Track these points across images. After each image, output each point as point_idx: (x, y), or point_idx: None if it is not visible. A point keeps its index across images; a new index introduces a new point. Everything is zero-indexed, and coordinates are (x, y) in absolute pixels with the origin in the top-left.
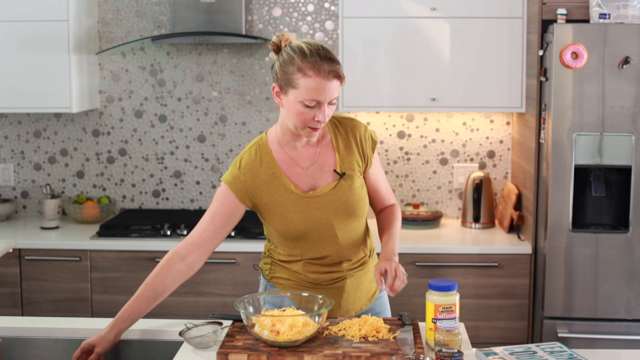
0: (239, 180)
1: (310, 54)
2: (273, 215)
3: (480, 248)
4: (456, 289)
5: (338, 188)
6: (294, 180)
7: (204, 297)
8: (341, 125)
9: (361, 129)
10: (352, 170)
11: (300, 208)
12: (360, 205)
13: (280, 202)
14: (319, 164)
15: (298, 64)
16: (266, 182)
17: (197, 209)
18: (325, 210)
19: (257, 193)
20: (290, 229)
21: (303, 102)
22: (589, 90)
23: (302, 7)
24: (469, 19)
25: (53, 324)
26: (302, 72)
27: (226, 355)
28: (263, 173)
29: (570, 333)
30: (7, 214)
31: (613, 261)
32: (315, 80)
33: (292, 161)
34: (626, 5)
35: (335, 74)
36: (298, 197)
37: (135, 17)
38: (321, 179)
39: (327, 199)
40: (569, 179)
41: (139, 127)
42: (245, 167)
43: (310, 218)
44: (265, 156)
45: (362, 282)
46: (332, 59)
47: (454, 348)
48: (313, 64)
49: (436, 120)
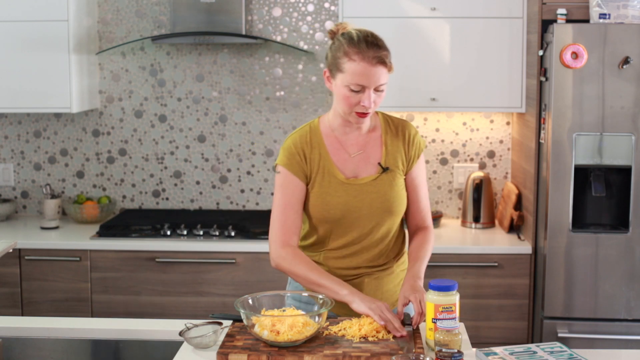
0: (294, 159)
1: (357, 39)
2: (313, 195)
3: (480, 248)
4: (456, 289)
5: (379, 180)
6: (339, 164)
7: (204, 297)
8: (393, 123)
9: (412, 130)
10: (395, 167)
11: (339, 192)
12: (397, 203)
13: (322, 184)
14: (366, 154)
15: (345, 49)
16: (313, 162)
17: (197, 209)
18: (363, 200)
19: (309, 170)
20: (324, 212)
21: (349, 86)
22: (589, 90)
23: (302, 7)
24: (469, 19)
25: (53, 324)
26: (348, 57)
27: (226, 355)
28: (312, 153)
29: (570, 333)
30: (7, 214)
31: (613, 261)
32: (360, 65)
33: (340, 146)
34: (626, 5)
35: (379, 60)
36: (339, 181)
37: (135, 17)
38: (365, 169)
39: (366, 189)
40: (569, 179)
41: (139, 127)
42: (296, 146)
43: (346, 204)
44: (315, 137)
45: (383, 284)
46: (380, 45)
47: (454, 348)
48: (359, 49)
49: (436, 120)
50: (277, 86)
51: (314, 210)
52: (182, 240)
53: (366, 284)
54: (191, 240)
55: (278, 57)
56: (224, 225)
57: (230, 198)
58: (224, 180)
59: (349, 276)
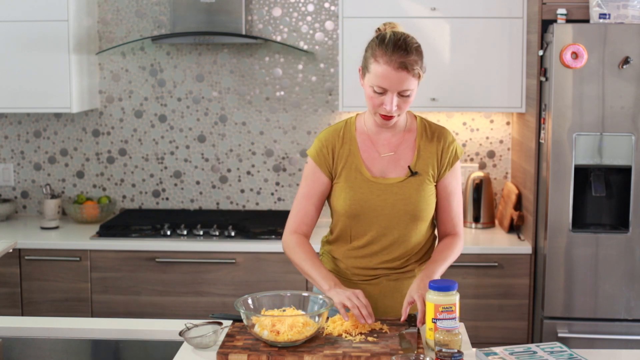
0: (322, 153)
1: (387, 41)
2: (337, 188)
3: (480, 248)
4: (456, 289)
5: (405, 183)
6: (368, 162)
7: (204, 297)
8: (430, 129)
9: (448, 138)
10: (425, 173)
11: (363, 189)
12: (421, 208)
13: (348, 179)
14: (396, 156)
15: (374, 49)
16: (342, 157)
17: (197, 209)
18: (386, 199)
19: (334, 165)
20: (345, 206)
21: (372, 87)
22: (589, 90)
23: (302, 7)
24: (469, 19)
25: (53, 324)
26: (374, 58)
27: (226, 355)
28: (342, 147)
29: (570, 333)
30: (7, 214)
31: (613, 261)
32: (383, 68)
33: (372, 144)
34: (626, 5)
35: (403, 66)
36: (365, 179)
37: (135, 17)
38: (393, 170)
39: (391, 190)
40: (569, 179)
41: (139, 127)
42: (327, 140)
43: (368, 201)
44: (348, 133)
45: (403, 287)
46: (408, 50)
47: (454, 348)
48: (385, 51)
49: (436, 120)
50: (277, 86)
51: (336, 202)
52: (182, 240)
53: (384, 286)
54: (191, 240)
55: (278, 57)
56: (224, 225)
57: (230, 198)
58: (224, 180)
59: (367, 276)
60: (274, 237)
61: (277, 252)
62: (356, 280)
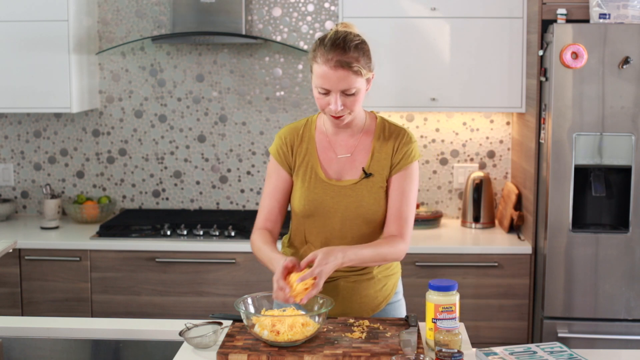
0: (281, 149)
1: (325, 41)
2: (295, 186)
3: (480, 248)
4: (456, 289)
5: (359, 185)
6: (324, 163)
7: (204, 297)
8: (389, 130)
9: (404, 138)
10: (379, 174)
11: (317, 190)
12: (373, 210)
13: (304, 178)
14: (352, 158)
15: (314, 49)
16: (299, 155)
17: (197, 209)
18: (339, 202)
19: (293, 161)
20: (300, 205)
21: (317, 88)
22: (589, 90)
23: (302, 7)
24: (469, 19)
25: (53, 324)
26: (314, 58)
27: (226, 355)
28: (300, 145)
29: (570, 333)
30: (7, 214)
31: (613, 261)
32: (322, 68)
33: (329, 145)
34: (626, 5)
35: (340, 64)
36: (320, 180)
37: (135, 17)
38: (349, 172)
39: (344, 192)
40: (569, 179)
41: (139, 127)
42: (286, 137)
43: (321, 203)
44: (308, 132)
45: (360, 290)
46: (346, 48)
47: (454, 348)
48: (322, 51)
49: (436, 120)
50: (277, 86)
51: (292, 200)
52: (182, 240)
53: (342, 288)
54: (191, 240)
55: (278, 57)
56: (224, 225)
57: (230, 198)
58: (224, 180)
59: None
60: None
61: None
62: None
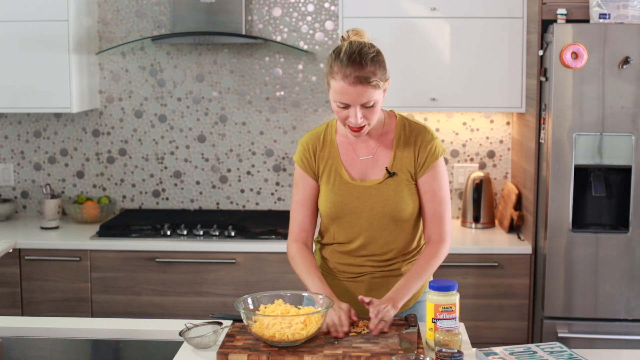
0: (304, 156)
1: (342, 56)
2: (321, 191)
3: (480, 248)
4: (456, 289)
5: (383, 185)
6: (347, 165)
7: (204, 297)
8: (409, 128)
9: (426, 136)
10: (402, 173)
11: (342, 192)
12: (400, 209)
13: (329, 181)
14: (375, 158)
15: (331, 64)
16: (323, 159)
17: (197, 209)
18: (365, 202)
19: (317, 167)
20: (327, 208)
21: (335, 103)
22: (589, 90)
23: (302, 7)
24: (469, 19)
25: (53, 324)
26: (332, 74)
27: (226, 355)
28: (322, 150)
29: (570, 333)
30: (7, 214)
31: (613, 261)
32: (340, 84)
33: (351, 148)
34: (626, 5)
35: (359, 80)
36: (344, 181)
37: (135, 17)
38: (372, 173)
39: (370, 192)
40: (569, 179)
41: (139, 127)
42: (307, 143)
43: (348, 204)
44: (329, 136)
45: (389, 285)
46: (363, 64)
47: (454, 348)
48: (340, 67)
49: (436, 120)
50: (277, 86)
51: (319, 204)
52: (182, 240)
53: (369, 283)
54: (191, 240)
55: (278, 57)
56: (224, 225)
57: (230, 198)
58: (224, 180)
59: (353, 274)
60: (274, 237)
61: (277, 252)
62: (342, 278)
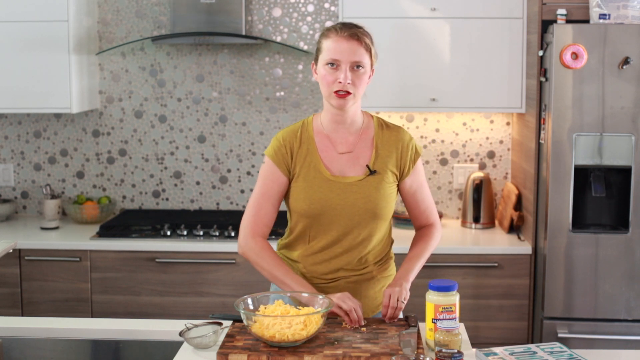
0: (280, 152)
1: (335, 24)
2: (296, 188)
3: (480, 248)
4: (456, 289)
5: (365, 182)
6: (326, 161)
7: (204, 297)
8: (387, 128)
9: (406, 138)
10: (384, 172)
11: (322, 188)
12: (381, 206)
13: (307, 178)
14: (355, 155)
15: (324, 32)
16: (301, 157)
17: (197, 209)
18: (345, 198)
19: (293, 165)
20: (305, 206)
21: (326, 62)
22: (589, 91)
23: (302, 7)
24: (469, 19)
25: (53, 324)
26: (325, 36)
27: (226, 356)
28: (300, 148)
29: (570, 333)
30: (7, 214)
31: (613, 261)
32: (333, 39)
33: (330, 143)
34: (626, 5)
35: (352, 35)
36: (324, 178)
37: (135, 18)
38: (352, 169)
39: (350, 189)
40: (569, 179)
41: (139, 128)
42: (285, 139)
43: (328, 200)
44: (306, 133)
45: (361, 290)
46: (357, 26)
47: (454, 348)
48: (335, 28)
49: (436, 121)
50: (277, 86)
51: (295, 203)
52: (182, 240)
53: (342, 288)
54: (191, 241)
55: (278, 57)
56: (224, 225)
57: (230, 198)
58: (224, 181)
59: (326, 279)
60: (273, 238)
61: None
62: (315, 283)
